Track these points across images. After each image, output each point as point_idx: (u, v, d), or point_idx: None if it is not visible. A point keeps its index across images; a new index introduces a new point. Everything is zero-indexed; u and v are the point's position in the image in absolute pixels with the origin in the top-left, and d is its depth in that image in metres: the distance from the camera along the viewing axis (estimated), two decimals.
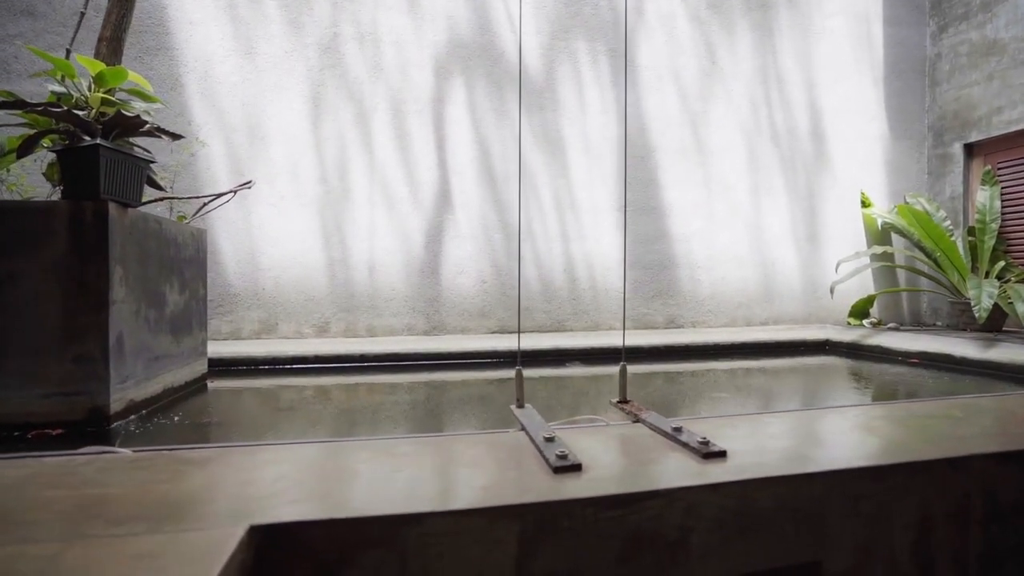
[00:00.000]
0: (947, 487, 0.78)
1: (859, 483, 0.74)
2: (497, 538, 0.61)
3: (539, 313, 3.05)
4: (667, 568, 0.66)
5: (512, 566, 0.62)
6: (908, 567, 0.77)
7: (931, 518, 0.78)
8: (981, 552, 0.80)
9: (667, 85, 3.22)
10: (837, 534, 0.73)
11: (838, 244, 3.52)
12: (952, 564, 0.79)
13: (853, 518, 0.74)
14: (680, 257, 3.27)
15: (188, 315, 1.91)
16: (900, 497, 0.76)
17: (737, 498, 0.68)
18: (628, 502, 0.65)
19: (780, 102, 3.42)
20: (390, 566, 0.59)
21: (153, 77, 2.57)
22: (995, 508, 0.81)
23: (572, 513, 0.64)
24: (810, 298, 3.48)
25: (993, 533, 0.81)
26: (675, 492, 0.66)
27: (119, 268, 1.41)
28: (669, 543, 0.66)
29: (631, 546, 0.65)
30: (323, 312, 2.75)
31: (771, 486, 0.70)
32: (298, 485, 0.68)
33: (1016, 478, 0.82)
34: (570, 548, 0.63)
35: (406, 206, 2.86)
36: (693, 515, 0.67)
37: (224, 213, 2.64)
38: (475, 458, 0.80)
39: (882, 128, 3.60)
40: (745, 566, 0.69)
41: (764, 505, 0.70)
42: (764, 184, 3.41)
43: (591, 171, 3.11)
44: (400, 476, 0.71)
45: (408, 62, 2.87)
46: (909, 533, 0.77)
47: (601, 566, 0.64)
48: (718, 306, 3.34)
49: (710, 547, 0.68)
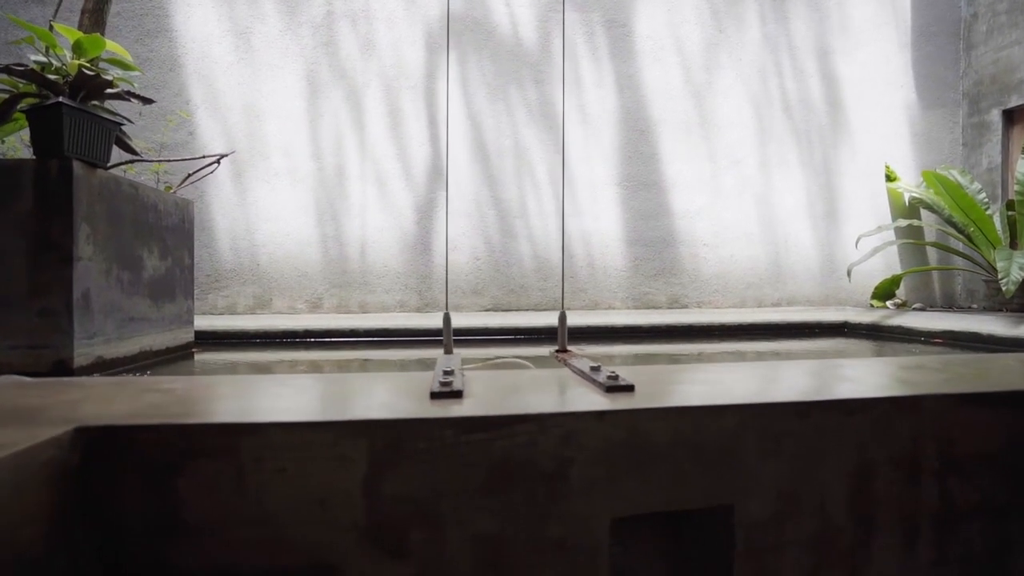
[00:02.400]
0: (892, 431, 0.68)
1: (781, 420, 0.65)
2: (343, 455, 0.57)
3: (535, 292, 2.98)
4: (542, 503, 0.60)
5: (360, 487, 0.57)
6: (843, 520, 0.67)
7: (872, 466, 0.68)
8: (936, 509, 0.69)
9: (669, 55, 3.08)
10: (753, 476, 0.64)
11: (859, 221, 3.28)
12: (898, 521, 0.69)
13: (773, 459, 0.65)
14: (684, 234, 3.12)
15: (171, 282, 1.95)
16: (833, 439, 0.66)
17: (626, 429, 0.61)
18: (494, 425, 0.59)
19: (792, 71, 3.22)
20: (226, 478, 0.55)
21: (153, 58, 2.65)
22: (952, 458, 0.70)
23: (430, 434, 0.58)
24: (827, 279, 3.26)
25: (951, 488, 0.70)
26: (551, 418, 0.60)
27: (85, 226, 1.44)
28: (544, 475, 0.60)
29: (499, 475, 0.59)
30: (316, 288, 2.78)
31: (669, 417, 0.62)
32: (158, 408, 0.65)
33: (979, 424, 0.70)
34: (426, 473, 0.58)
35: (398, 182, 2.84)
36: (573, 445, 0.60)
37: (220, 190, 2.69)
38: (368, 387, 0.76)
39: (909, 96, 3.33)
40: (639, 507, 0.62)
41: (660, 439, 0.62)
42: (776, 158, 3.21)
43: (588, 146, 3.01)
44: (281, 402, 0.67)
45: (400, 39, 2.85)
46: (845, 482, 0.67)
47: (463, 495, 0.58)
48: (725, 286, 3.18)
49: (594, 483, 0.61)
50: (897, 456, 0.68)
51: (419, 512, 0.58)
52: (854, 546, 0.67)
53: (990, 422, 0.71)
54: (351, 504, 0.57)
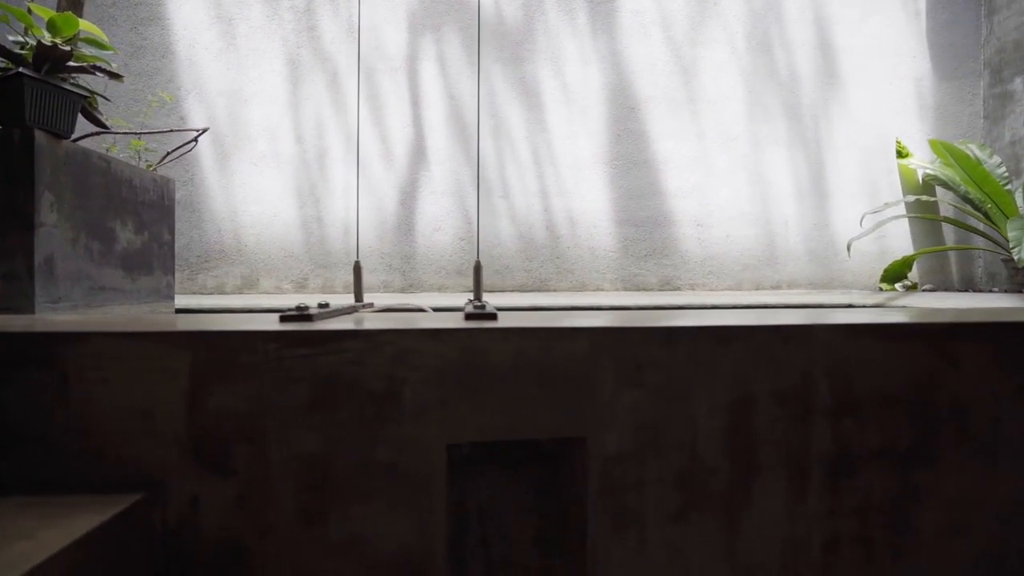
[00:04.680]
0: (776, 363, 0.62)
1: (642, 347, 0.60)
2: (167, 367, 0.55)
3: (519, 272, 2.94)
4: (371, 424, 0.57)
5: (183, 400, 0.55)
6: (717, 459, 0.62)
7: (752, 401, 0.62)
8: (828, 453, 0.63)
9: (656, 30, 2.98)
10: (610, 407, 0.60)
11: (867, 201, 3.10)
12: (783, 463, 0.63)
13: (634, 389, 0.60)
14: (676, 213, 3.02)
15: (147, 256, 2.01)
16: (706, 370, 0.61)
17: (462, 349, 0.58)
18: (320, 340, 0.56)
19: (790, 43, 3.07)
20: (50, 388, 0.55)
21: (147, 46, 2.74)
22: (849, 398, 0.63)
23: (253, 347, 0.56)
24: (831, 261, 3.10)
25: (846, 430, 0.64)
26: (381, 334, 0.57)
27: (48, 194, 1.49)
28: (374, 395, 0.57)
29: (325, 393, 0.56)
30: (302, 268, 2.82)
31: (511, 338, 0.58)
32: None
33: (879, 361, 0.64)
34: (250, 388, 0.56)
35: (380, 164, 2.85)
36: (405, 364, 0.57)
37: (208, 174, 2.76)
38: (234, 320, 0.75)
39: (923, 68, 3.13)
40: (478, 433, 0.58)
41: (501, 360, 0.58)
42: (773, 135, 3.07)
43: (574, 124, 2.95)
44: (115, 319, 0.67)
45: (383, 20, 2.86)
46: (718, 417, 0.62)
47: (288, 411, 0.56)
48: (721, 267, 3.06)
49: (428, 405, 0.57)
50: (782, 391, 0.63)
51: (243, 428, 0.56)
52: (731, 488, 0.62)
53: (892, 359, 0.64)
54: (175, 417, 0.55)
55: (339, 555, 0.56)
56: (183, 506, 0.55)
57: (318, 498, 0.56)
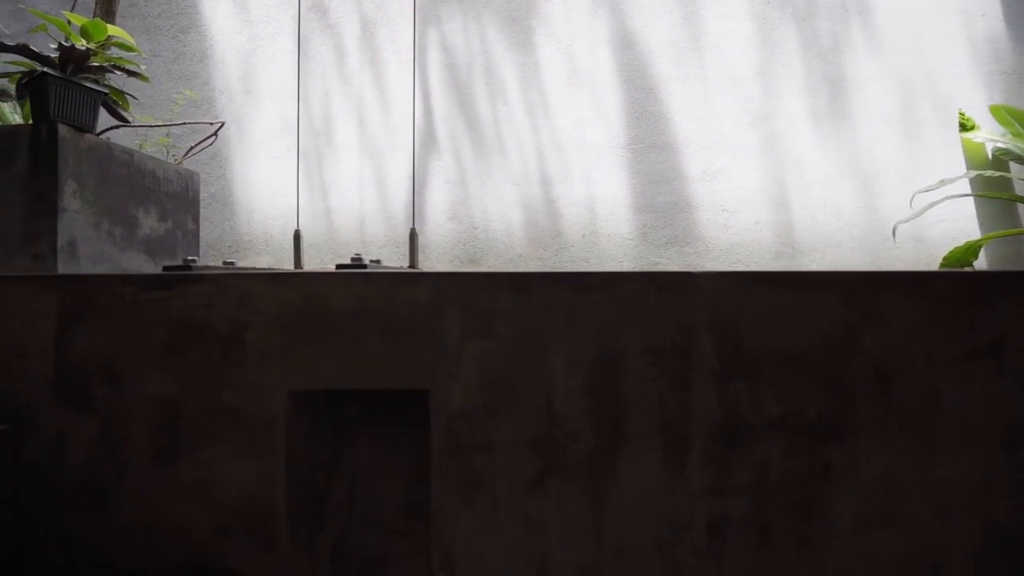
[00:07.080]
0: (649, 316, 0.56)
1: (490, 294, 0.56)
2: (38, 308, 0.59)
3: (532, 260, 2.90)
4: (219, 367, 0.57)
5: (51, 341, 0.59)
6: (578, 423, 0.56)
7: (619, 359, 0.56)
8: (714, 420, 0.56)
9: (678, 5, 2.82)
10: (454, 359, 0.56)
11: (920, 181, 2.74)
12: (661, 430, 0.56)
13: (481, 340, 0.56)
14: (700, 198, 2.84)
15: (171, 243, 2.18)
16: (562, 321, 0.56)
17: (302, 293, 0.57)
18: (170, 284, 0.58)
19: (831, 8, 2.77)
20: None
21: (187, 52, 2.99)
22: (740, 356, 0.55)
23: (112, 290, 0.58)
24: (879, 247, 2.77)
25: (737, 394, 0.56)
26: (227, 278, 0.57)
27: (72, 182, 1.67)
28: (221, 339, 0.57)
29: (178, 335, 0.58)
30: (322, 257, 2.95)
31: (352, 283, 0.57)
32: None
33: (781, 315, 0.55)
34: (110, 329, 0.58)
35: (392, 155, 2.92)
36: (248, 308, 0.57)
37: (238, 169, 2.96)
38: None
39: (996, 28, 2.71)
40: (319, 381, 0.57)
41: (340, 307, 0.57)
42: (813, 110, 2.80)
43: (589, 107, 2.86)
44: None
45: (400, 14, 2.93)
46: (578, 375, 0.56)
47: (145, 353, 0.58)
48: (749, 255, 2.84)
49: (271, 350, 0.57)
50: (656, 348, 0.56)
51: (103, 368, 0.58)
52: (597, 455, 0.56)
53: (796, 313, 0.56)
54: (44, 358, 0.59)
55: (190, 498, 0.57)
56: (50, 441, 0.58)
57: (172, 440, 0.58)
